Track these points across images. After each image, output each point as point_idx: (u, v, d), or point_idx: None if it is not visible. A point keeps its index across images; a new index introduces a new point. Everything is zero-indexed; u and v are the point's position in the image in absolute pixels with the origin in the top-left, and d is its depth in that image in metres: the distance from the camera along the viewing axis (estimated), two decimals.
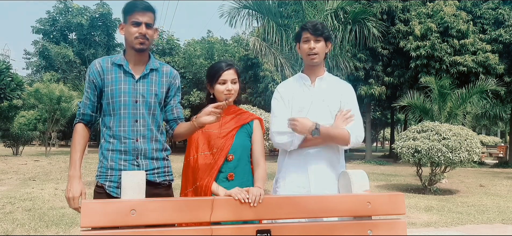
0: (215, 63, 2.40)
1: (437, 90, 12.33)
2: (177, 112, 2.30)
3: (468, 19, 19.86)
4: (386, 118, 39.82)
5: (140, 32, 2.11)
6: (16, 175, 11.53)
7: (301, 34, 2.42)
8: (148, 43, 2.15)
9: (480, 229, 5.95)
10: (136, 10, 2.11)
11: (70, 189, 2.08)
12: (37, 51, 36.41)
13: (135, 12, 2.11)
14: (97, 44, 34.23)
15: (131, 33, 2.12)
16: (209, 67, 2.41)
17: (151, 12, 2.15)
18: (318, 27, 2.36)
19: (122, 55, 2.22)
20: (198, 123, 2.05)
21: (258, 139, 2.36)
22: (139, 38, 2.12)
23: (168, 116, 2.29)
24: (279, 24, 11.07)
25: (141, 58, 2.20)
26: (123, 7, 2.17)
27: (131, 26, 2.13)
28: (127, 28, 2.15)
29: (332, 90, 2.43)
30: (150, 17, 2.14)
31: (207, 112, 2.01)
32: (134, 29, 2.12)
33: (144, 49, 2.16)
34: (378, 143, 58.51)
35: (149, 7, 2.14)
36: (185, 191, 2.27)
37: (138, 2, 2.13)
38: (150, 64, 2.22)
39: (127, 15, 2.14)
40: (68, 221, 5.65)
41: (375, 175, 14.18)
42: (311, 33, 2.36)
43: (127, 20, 2.14)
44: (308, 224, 1.98)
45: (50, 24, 35.11)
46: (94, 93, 2.19)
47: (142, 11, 2.11)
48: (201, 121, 2.03)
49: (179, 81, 2.33)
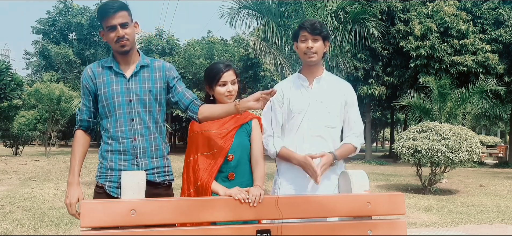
0: (213, 65, 2.37)
1: (437, 90, 12.33)
2: (190, 94, 2.23)
3: (468, 19, 19.85)
4: (386, 118, 39.83)
5: (117, 36, 2.09)
6: (16, 175, 11.53)
7: (299, 33, 2.39)
8: (129, 43, 2.13)
9: (480, 229, 5.95)
10: (107, 15, 2.09)
11: (68, 195, 2.09)
12: (37, 51, 36.41)
13: (107, 17, 2.09)
14: (97, 44, 34.22)
15: (111, 39, 2.12)
16: (207, 69, 2.38)
17: (124, 11, 2.11)
18: (316, 26, 2.34)
19: (111, 57, 2.21)
20: (244, 107, 2.01)
21: (257, 138, 2.35)
22: (119, 41, 2.10)
23: (185, 102, 2.21)
24: (279, 24, 11.07)
25: (130, 57, 2.19)
26: (97, 14, 2.16)
27: (108, 32, 2.12)
28: (106, 34, 2.14)
29: (330, 91, 2.41)
30: (123, 16, 2.11)
31: (256, 98, 1.97)
32: (111, 34, 2.11)
33: (127, 51, 2.14)
34: (378, 143, 58.52)
35: (120, 7, 2.10)
36: (187, 192, 2.26)
37: (108, 5, 2.10)
38: (140, 62, 2.20)
39: (102, 22, 2.13)
40: (68, 221, 5.64)
41: (375, 175, 14.18)
42: (309, 32, 2.33)
43: (103, 27, 2.13)
44: (308, 224, 1.98)
45: (50, 24, 35.12)
46: (88, 98, 2.19)
47: (114, 14, 2.08)
48: (248, 105, 1.99)
49: (175, 72, 2.29)
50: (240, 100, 2.03)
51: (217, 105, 2.20)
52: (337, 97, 2.41)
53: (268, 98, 1.98)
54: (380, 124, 45.93)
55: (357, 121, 2.44)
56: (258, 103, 1.98)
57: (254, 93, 2.00)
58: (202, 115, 2.16)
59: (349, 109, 2.44)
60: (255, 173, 2.29)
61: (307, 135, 2.34)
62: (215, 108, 2.16)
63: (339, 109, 2.41)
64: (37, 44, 36.01)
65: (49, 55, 33.71)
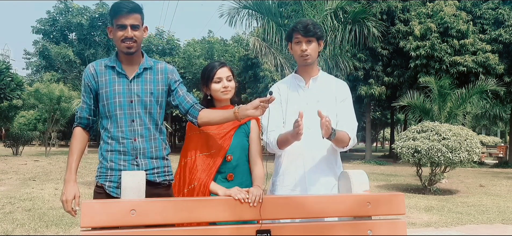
0: (208, 65, 2.41)
1: (437, 90, 12.34)
2: (191, 99, 2.25)
3: (468, 19, 19.85)
4: (386, 118, 39.81)
5: (126, 36, 2.09)
6: (16, 175, 11.53)
7: (293, 35, 2.38)
8: (135, 46, 2.12)
9: (480, 229, 5.95)
10: (120, 14, 2.08)
11: (64, 192, 2.08)
12: (37, 51, 36.38)
13: (119, 16, 2.08)
14: (97, 44, 34.18)
15: (118, 37, 2.10)
16: (203, 70, 2.41)
17: (137, 13, 2.11)
18: (309, 28, 2.32)
19: (114, 56, 2.20)
20: (243, 115, 2.03)
21: (255, 138, 2.35)
22: (126, 42, 2.09)
23: (185, 106, 2.23)
24: (279, 24, 11.05)
25: (134, 58, 2.18)
26: (109, 10, 2.14)
27: (117, 30, 2.10)
28: (114, 32, 2.13)
29: (327, 90, 2.41)
30: (135, 18, 2.11)
31: (255, 105, 1.99)
32: (120, 32, 2.09)
33: (132, 52, 2.14)
34: (378, 143, 58.50)
35: (134, 8, 2.10)
36: (182, 192, 2.26)
37: (123, 4, 2.09)
38: (143, 63, 2.20)
39: (113, 18, 2.11)
40: (68, 221, 5.64)
41: (375, 175, 14.18)
42: (302, 34, 2.32)
43: (113, 24, 2.12)
44: (308, 224, 1.98)
45: (50, 24, 35.08)
46: (90, 96, 2.19)
47: (127, 14, 2.08)
48: (247, 113, 2.01)
49: (177, 75, 2.29)
50: (239, 108, 2.05)
51: (216, 111, 2.21)
52: (334, 96, 2.41)
53: (266, 106, 1.99)
54: (380, 124, 45.92)
55: (351, 117, 2.42)
56: (257, 111, 1.99)
57: (253, 101, 2.01)
58: (201, 120, 2.19)
59: (342, 104, 2.42)
60: (254, 173, 2.29)
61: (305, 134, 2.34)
62: (214, 114, 2.19)
63: (336, 108, 2.40)
64: (37, 44, 35.98)
65: (49, 55, 33.68)
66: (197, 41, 32.34)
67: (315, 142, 2.33)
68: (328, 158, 2.37)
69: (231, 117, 2.08)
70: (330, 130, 2.12)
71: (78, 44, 34.27)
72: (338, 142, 2.27)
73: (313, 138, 2.33)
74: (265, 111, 2.03)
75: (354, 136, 2.36)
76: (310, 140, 2.33)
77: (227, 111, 2.12)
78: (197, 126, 2.22)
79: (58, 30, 35.30)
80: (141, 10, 2.14)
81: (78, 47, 33.81)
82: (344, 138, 2.29)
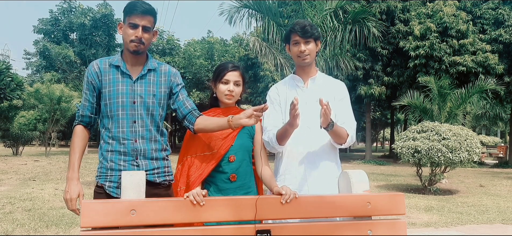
0: (222, 63, 2.40)
1: (436, 90, 12.34)
2: (190, 104, 2.26)
3: (467, 19, 19.85)
4: (386, 118, 39.82)
5: (136, 36, 2.08)
6: (16, 175, 11.53)
7: (290, 36, 2.39)
8: (143, 47, 2.12)
9: (480, 229, 5.95)
10: (134, 13, 2.08)
11: (68, 190, 2.07)
12: (37, 51, 36.36)
13: (133, 14, 2.08)
14: (98, 44, 34.18)
15: (128, 35, 2.10)
16: (216, 66, 2.41)
17: (151, 16, 2.11)
18: (307, 29, 2.33)
19: (119, 56, 2.20)
20: (236, 124, 2.03)
21: (260, 139, 2.35)
22: (135, 42, 2.09)
23: (183, 111, 2.24)
24: (279, 24, 11.05)
25: (139, 59, 2.18)
26: (124, 7, 2.14)
27: (128, 27, 2.10)
28: (125, 29, 2.13)
29: (325, 90, 2.41)
30: (148, 20, 2.11)
31: (248, 115, 1.99)
32: (131, 31, 2.09)
33: (139, 53, 2.14)
34: (378, 143, 58.47)
35: (148, 10, 2.10)
36: (179, 188, 2.25)
37: (138, 3, 2.09)
38: (148, 65, 2.20)
39: (126, 15, 2.11)
40: (68, 221, 5.65)
41: (375, 175, 14.18)
42: (300, 36, 2.33)
43: (125, 21, 2.12)
44: (308, 224, 1.97)
45: (52, 24, 35.06)
46: (92, 94, 2.18)
47: (141, 14, 2.08)
48: (240, 122, 2.01)
49: (180, 79, 2.30)
50: (233, 117, 2.05)
51: (212, 119, 2.22)
52: (332, 95, 2.41)
53: (260, 114, 1.99)
54: (380, 124, 45.91)
55: (349, 115, 2.42)
56: (250, 119, 1.99)
57: (246, 109, 2.02)
58: (197, 126, 2.21)
59: (340, 103, 2.42)
60: (264, 174, 2.26)
61: (305, 134, 2.34)
62: (210, 121, 2.20)
63: (334, 108, 2.40)
64: (38, 44, 35.97)
65: (50, 55, 33.67)
66: (197, 41, 32.34)
67: (315, 142, 2.34)
68: (328, 158, 2.37)
69: (225, 125, 2.09)
70: (329, 119, 2.11)
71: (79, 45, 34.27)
72: (336, 136, 2.26)
73: (313, 138, 2.33)
74: (258, 120, 2.04)
75: (352, 134, 2.35)
76: (310, 140, 2.33)
77: (222, 120, 2.12)
78: (193, 132, 2.24)
79: (59, 30, 35.29)
80: (155, 14, 2.14)
81: (78, 48, 33.81)
82: (342, 133, 2.28)
